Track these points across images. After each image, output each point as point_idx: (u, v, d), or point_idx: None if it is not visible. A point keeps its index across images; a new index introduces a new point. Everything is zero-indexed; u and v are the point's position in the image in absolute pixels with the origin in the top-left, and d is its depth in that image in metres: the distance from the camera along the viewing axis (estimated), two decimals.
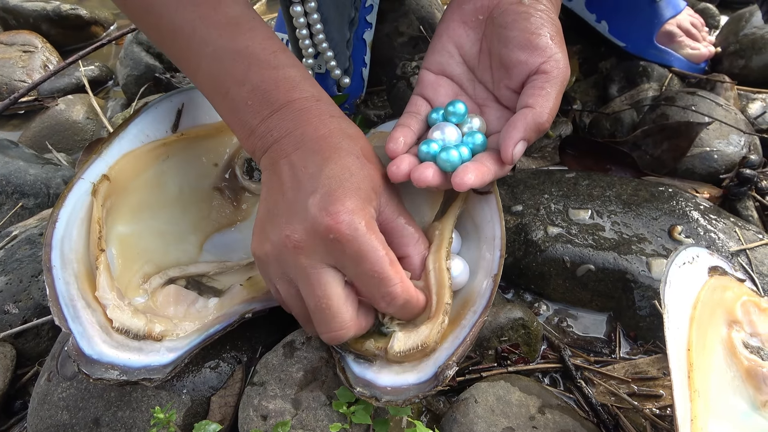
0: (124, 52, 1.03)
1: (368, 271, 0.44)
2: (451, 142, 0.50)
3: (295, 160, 0.47)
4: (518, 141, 0.48)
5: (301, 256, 0.45)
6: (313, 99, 0.49)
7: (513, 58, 0.50)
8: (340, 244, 0.44)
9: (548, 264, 0.64)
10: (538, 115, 0.48)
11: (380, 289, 0.45)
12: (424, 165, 0.48)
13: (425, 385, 0.46)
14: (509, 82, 0.51)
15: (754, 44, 0.91)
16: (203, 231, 0.59)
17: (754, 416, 0.48)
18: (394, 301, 0.46)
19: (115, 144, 0.54)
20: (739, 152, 0.75)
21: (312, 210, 0.44)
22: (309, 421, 0.50)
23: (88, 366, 0.45)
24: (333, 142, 0.47)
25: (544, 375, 0.59)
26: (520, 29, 0.50)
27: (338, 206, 0.44)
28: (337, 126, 0.49)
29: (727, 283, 0.53)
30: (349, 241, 0.43)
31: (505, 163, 0.49)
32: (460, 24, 0.54)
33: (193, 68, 0.51)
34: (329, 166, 0.46)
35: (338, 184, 0.45)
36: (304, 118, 0.48)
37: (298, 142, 0.47)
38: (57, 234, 0.49)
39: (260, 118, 0.48)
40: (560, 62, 0.49)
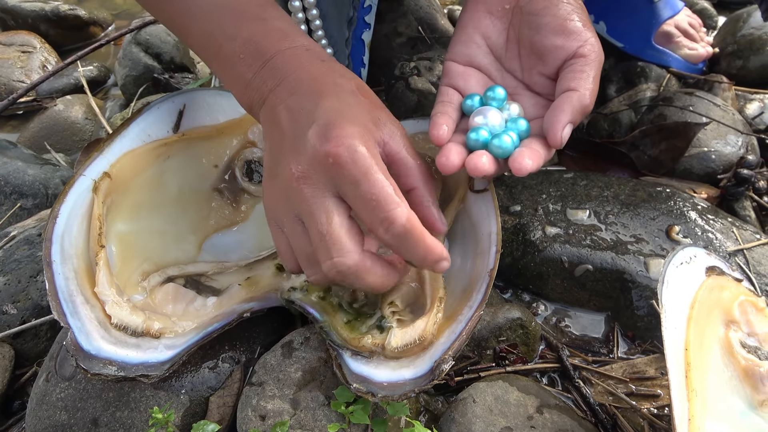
0: (122, 52, 1.03)
1: (366, 193, 0.43)
2: (495, 126, 0.50)
3: (292, 104, 0.46)
4: (566, 123, 0.48)
5: (304, 187, 0.44)
6: (303, 48, 0.49)
7: (548, 43, 0.50)
8: (340, 168, 0.43)
9: (546, 264, 0.64)
10: (583, 96, 0.48)
11: (378, 212, 0.43)
12: (477, 154, 0.47)
13: (422, 379, 0.46)
14: (544, 68, 0.52)
15: (751, 45, 0.92)
16: (202, 231, 0.59)
17: (752, 416, 0.48)
18: (392, 227, 0.43)
19: (116, 142, 0.54)
20: (736, 152, 0.75)
21: (311, 140, 0.44)
22: (307, 421, 0.50)
23: (86, 361, 0.45)
24: (327, 81, 0.47)
25: (542, 375, 0.59)
26: (552, 15, 0.50)
27: (337, 131, 0.43)
28: (329, 67, 0.49)
29: (725, 283, 0.53)
30: (348, 164, 0.43)
31: (553, 146, 0.49)
32: (486, 14, 0.54)
33: (186, 29, 0.52)
34: (325, 100, 0.45)
35: (336, 113, 0.45)
36: (296, 63, 0.48)
37: (293, 87, 0.47)
38: (57, 229, 0.49)
39: (254, 70, 0.48)
40: (595, 45, 0.50)
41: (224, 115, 0.60)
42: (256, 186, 0.62)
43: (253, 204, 0.61)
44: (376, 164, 0.43)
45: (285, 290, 0.54)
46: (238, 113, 0.61)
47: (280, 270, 0.57)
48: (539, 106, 0.53)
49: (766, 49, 0.91)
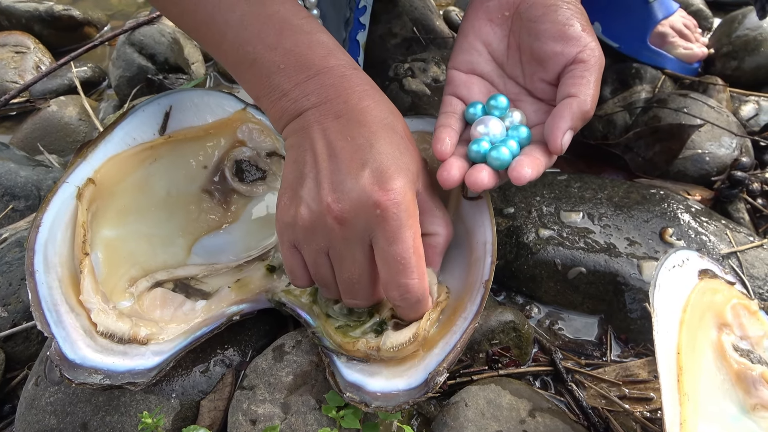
0: (116, 53, 1.02)
1: (397, 254, 0.44)
2: (496, 135, 0.50)
3: (336, 129, 0.46)
4: (566, 130, 0.48)
5: (340, 229, 0.45)
6: (351, 67, 0.48)
7: (547, 50, 0.50)
8: (384, 221, 0.44)
9: (540, 266, 0.63)
10: (583, 103, 0.48)
11: (400, 277, 0.45)
12: (476, 169, 0.48)
13: (415, 391, 0.46)
14: (545, 74, 0.52)
15: (746, 46, 0.92)
16: (191, 234, 0.58)
17: (744, 420, 0.48)
18: (407, 294, 0.46)
19: (101, 147, 0.54)
20: (730, 154, 0.75)
21: (362, 182, 0.44)
22: (298, 425, 0.49)
23: (71, 371, 0.45)
24: (379, 115, 0.47)
25: (535, 378, 0.59)
26: (551, 21, 0.50)
27: (391, 183, 0.44)
28: (381, 99, 0.48)
29: (718, 286, 0.53)
30: (393, 220, 0.44)
31: (554, 153, 0.49)
32: (486, 22, 0.54)
33: (218, 38, 0.50)
34: (380, 141, 0.45)
35: (391, 161, 0.45)
36: (346, 86, 0.47)
37: (341, 109, 0.46)
38: (40, 238, 0.48)
39: (295, 81, 0.47)
40: (595, 50, 0.50)
41: (212, 115, 0.59)
42: (247, 186, 0.61)
43: (244, 204, 0.61)
44: (413, 227, 0.45)
45: (275, 292, 0.54)
46: (226, 112, 0.60)
47: (270, 271, 0.56)
48: (541, 112, 0.53)
49: (761, 51, 0.91)
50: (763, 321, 0.54)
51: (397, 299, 0.47)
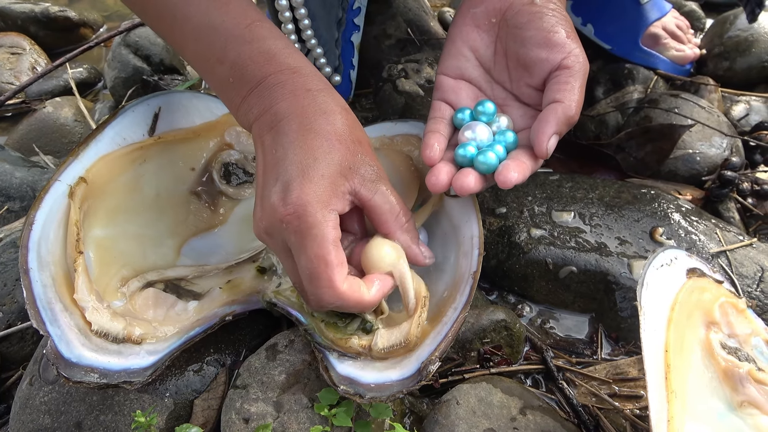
0: (111, 54, 1.03)
1: (304, 266, 0.45)
2: (483, 141, 0.51)
3: (268, 143, 0.47)
4: (551, 135, 0.49)
5: (270, 241, 0.47)
6: (289, 71, 0.48)
7: (533, 56, 0.51)
8: (288, 234, 0.45)
9: (531, 266, 0.64)
10: (568, 108, 0.49)
11: (310, 286, 0.45)
12: (463, 173, 0.49)
13: (408, 380, 0.47)
14: (530, 80, 0.53)
15: (738, 46, 0.92)
16: (181, 235, 0.59)
17: (731, 417, 0.49)
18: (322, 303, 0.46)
19: (91, 146, 0.54)
20: (721, 154, 0.76)
21: (273, 199, 0.45)
22: (290, 423, 0.50)
23: (67, 369, 0.45)
24: (304, 121, 0.46)
25: (526, 376, 0.60)
26: (536, 28, 0.51)
27: (293, 197, 0.44)
28: (312, 101, 0.47)
29: (706, 285, 0.54)
30: (295, 232, 0.44)
31: (539, 157, 0.50)
32: (473, 28, 0.55)
33: (181, 47, 0.52)
34: (294, 150, 0.45)
35: (299, 172, 0.44)
36: (278, 94, 0.47)
37: (272, 121, 0.47)
38: (34, 236, 0.49)
39: (241, 96, 0.48)
40: (580, 56, 0.51)
41: (200, 118, 0.60)
42: (234, 188, 0.62)
43: (232, 206, 0.62)
44: (318, 236, 0.44)
45: (267, 292, 0.55)
46: (214, 115, 0.60)
47: (260, 272, 0.57)
48: (528, 117, 0.54)
49: (752, 51, 0.91)
50: (750, 319, 0.54)
51: (315, 307, 0.48)
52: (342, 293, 0.45)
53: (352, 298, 0.46)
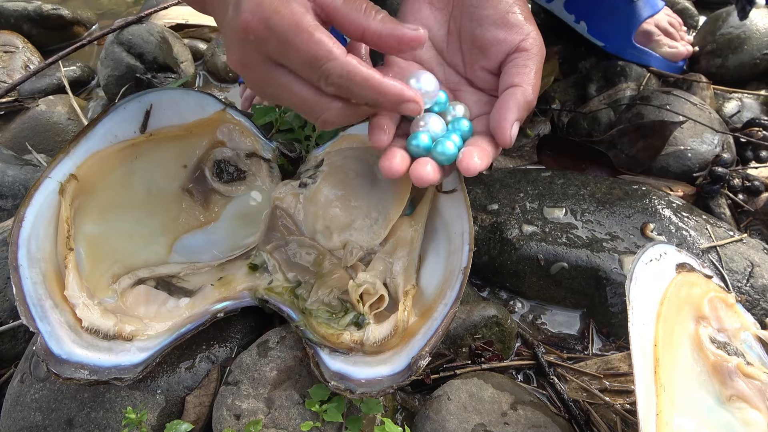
0: (104, 52, 1.02)
1: (295, 57, 0.41)
2: (437, 132, 0.48)
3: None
4: (513, 122, 0.47)
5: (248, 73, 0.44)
6: None
7: (489, 37, 0.49)
8: (261, 41, 0.41)
9: (523, 262, 0.64)
10: (526, 92, 0.47)
11: (314, 71, 0.41)
12: (421, 162, 0.46)
13: (399, 375, 0.47)
14: (486, 62, 0.50)
15: (730, 43, 0.93)
16: (172, 232, 0.59)
17: (719, 410, 0.49)
18: (330, 78, 0.41)
19: (82, 143, 0.54)
20: (712, 151, 0.76)
21: (230, 21, 0.42)
22: (281, 419, 0.50)
23: (57, 366, 0.45)
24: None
25: (517, 372, 0.60)
26: (493, 7, 0.49)
27: (245, 4, 0.41)
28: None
29: (695, 280, 0.54)
30: (267, 36, 0.41)
31: (502, 146, 0.48)
32: (426, 4, 0.52)
33: None
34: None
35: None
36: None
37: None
38: (24, 233, 0.49)
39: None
40: (537, 39, 0.49)
41: (192, 115, 0.60)
42: (226, 186, 0.62)
43: (224, 204, 0.61)
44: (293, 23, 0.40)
45: (259, 289, 0.55)
46: (206, 113, 0.60)
47: (252, 269, 0.57)
48: (482, 103, 0.52)
49: (744, 48, 0.92)
50: (739, 314, 0.54)
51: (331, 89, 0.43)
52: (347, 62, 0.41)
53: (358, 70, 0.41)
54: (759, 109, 0.89)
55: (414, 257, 0.55)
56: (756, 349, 0.53)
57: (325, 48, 0.41)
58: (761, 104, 0.90)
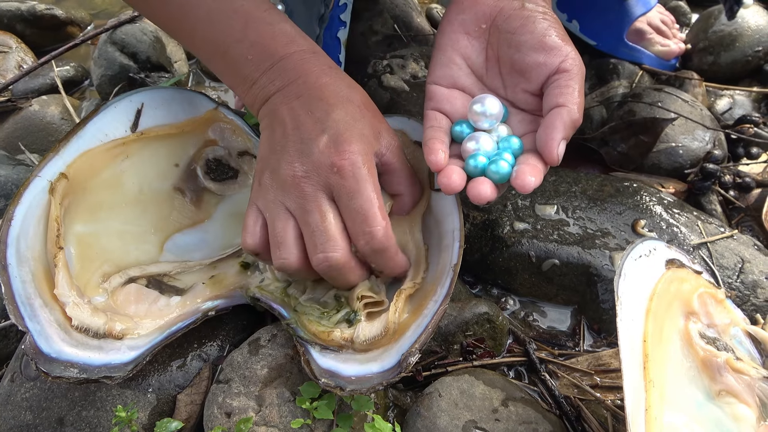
0: (97, 52, 1.02)
1: (358, 207, 0.48)
2: (488, 151, 0.51)
3: (299, 106, 0.50)
4: (560, 140, 0.48)
5: (305, 185, 0.49)
6: (310, 51, 0.53)
7: (529, 61, 0.51)
8: (341, 179, 0.48)
9: (514, 259, 0.64)
10: (572, 111, 0.48)
11: (364, 226, 0.48)
12: (478, 182, 0.49)
13: (389, 372, 0.47)
14: (527, 85, 0.52)
15: (722, 41, 0.93)
16: (164, 231, 0.59)
17: (709, 405, 0.49)
18: (372, 241, 0.49)
19: (73, 142, 0.54)
20: (703, 147, 0.76)
21: (321, 147, 0.48)
22: (272, 417, 0.50)
23: (47, 364, 0.45)
24: (335, 90, 0.51)
25: (509, 368, 0.60)
26: (530, 32, 0.50)
27: (345, 146, 0.48)
28: (337, 76, 0.52)
29: (685, 276, 0.54)
30: (350, 176, 0.48)
31: (549, 164, 0.49)
32: (463, 35, 0.54)
33: (188, 33, 0.54)
34: (336, 111, 0.49)
35: (345, 127, 0.49)
36: (305, 68, 0.51)
37: (301, 89, 0.51)
38: (12, 232, 0.49)
39: (261, 70, 0.52)
40: (576, 59, 0.50)
41: (184, 114, 0.60)
42: (218, 184, 0.62)
43: (216, 203, 0.61)
44: (372, 182, 0.49)
45: (250, 288, 0.55)
46: (198, 111, 0.60)
47: (244, 268, 0.57)
48: (526, 122, 0.53)
49: (736, 46, 0.92)
50: (729, 309, 0.55)
51: (365, 248, 0.49)
52: (391, 235, 0.50)
53: (394, 245, 0.50)
54: (750, 106, 0.89)
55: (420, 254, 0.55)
56: (745, 345, 0.54)
57: (382, 214, 0.49)
58: (753, 101, 0.90)
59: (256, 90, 0.52)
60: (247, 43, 0.51)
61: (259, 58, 0.51)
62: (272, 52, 0.51)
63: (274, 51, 0.51)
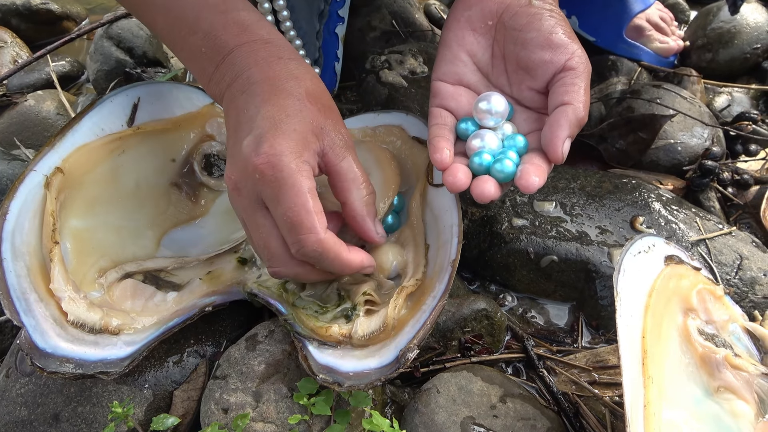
0: (93, 46, 1.02)
1: (282, 214, 0.44)
2: (493, 149, 0.50)
3: (240, 104, 0.47)
4: (565, 139, 0.48)
5: (239, 197, 0.46)
6: (262, 41, 0.49)
7: (535, 58, 0.50)
8: (263, 183, 0.44)
9: (513, 255, 0.64)
10: (578, 110, 0.48)
11: (291, 234, 0.45)
12: (482, 180, 0.48)
13: (387, 368, 0.47)
14: (533, 83, 0.51)
15: (720, 38, 0.93)
16: (161, 226, 0.58)
17: (707, 401, 0.49)
18: (303, 249, 0.45)
19: (68, 136, 0.53)
20: (702, 144, 0.76)
21: (245, 151, 0.45)
22: (270, 413, 0.50)
23: (42, 359, 0.45)
24: (276, 83, 0.47)
25: (507, 365, 0.60)
26: (537, 30, 0.50)
27: (266, 147, 0.44)
28: (284, 67, 0.48)
29: (684, 272, 0.54)
30: (270, 182, 0.44)
31: (554, 162, 0.49)
32: (469, 31, 0.53)
33: (151, 21, 0.52)
34: (266, 107, 0.46)
35: (271, 125, 0.45)
36: (251, 60, 0.48)
37: (245, 85, 0.47)
38: (7, 226, 0.48)
39: (214, 64, 0.49)
40: (582, 57, 0.50)
41: (181, 108, 0.59)
42: (216, 180, 0.61)
43: (213, 198, 0.61)
44: (294, 184, 0.44)
45: (247, 283, 0.54)
46: (195, 106, 0.60)
47: (241, 263, 0.57)
48: (531, 120, 0.53)
49: (734, 43, 0.92)
50: (728, 306, 0.55)
51: (299, 256, 0.46)
52: (324, 240, 0.45)
53: (332, 248, 0.46)
54: (749, 103, 0.89)
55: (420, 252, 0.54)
56: (744, 341, 0.54)
57: (310, 220, 0.44)
58: (751, 98, 0.90)
59: (212, 86, 0.50)
60: (201, 35, 0.49)
61: (212, 51, 0.49)
62: (223, 45, 0.48)
63: (224, 43, 0.48)
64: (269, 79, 0.47)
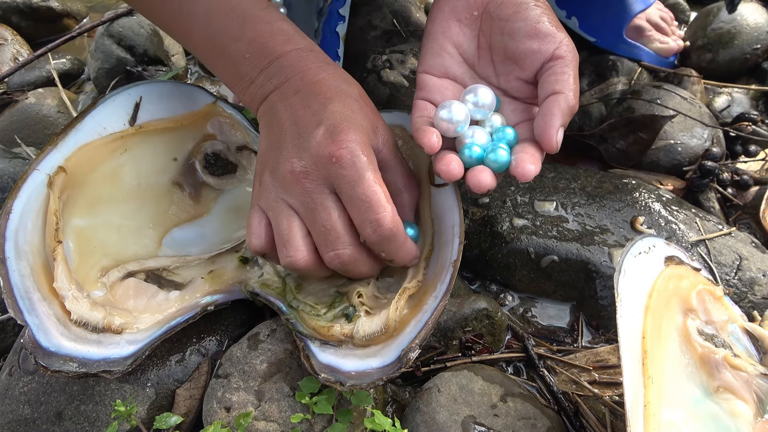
0: (94, 44, 1.02)
1: (361, 194, 0.46)
2: (482, 143, 0.50)
3: (296, 101, 0.50)
4: (558, 127, 0.48)
5: (305, 182, 0.48)
6: (307, 49, 0.53)
7: (523, 48, 0.50)
8: (341, 168, 0.46)
9: (513, 255, 0.64)
10: (569, 98, 0.48)
11: (369, 214, 0.47)
12: (478, 170, 0.48)
13: (389, 368, 0.47)
14: (521, 72, 0.51)
15: (720, 38, 0.93)
16: (162, 225, 0.58)
17: (707, 402, 0.49)
18: (380, 229, 0.47)
19: (71, 135, 0.54)
20: (702, 145, 0.77)
21: (318, 139, 0.47)
22: (272, 412, 0.50)
23: (45, 358, 0.45)
24: (333, 84, 0.50)
25: (508, 364, 0.60)
26: (523, 19, 0.50)
27: (342, 136, 0.47)
28: (334, 71, 0.52)
29: (684, 273, 0.54)
30: (349, 166, 0.46)
31: (548, 151, 0.49)
32: (455, 22, 0.53)
33: (186, 31, 0.54)
34: (333, 104, 0.49)
35: (342, 118, 0.48)
36: (302, 64, 0.51)
37: (298, 85, 0.50)
38: (11, 225, 0.48)
39: (259, 68, 0.51)
40: (570, 45, 0.50)
41: (183, 107, 0.59)
42: (217, 179, 0.61)
43: (215, 197, 0.61)
44: (372, 169, 0.47)
45: (249, 282, 0.55)
46: (197, 105, 0.60)
47: (243, 262, 0.57)
48: (519, 111, 0.53)
49: (734, 43, 0.92)
50: (727, 306, 0.55)
51: (372, 236, 0.48)
52: (399, 221, 0.48)
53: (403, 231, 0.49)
54: (749, 104, 0.90)
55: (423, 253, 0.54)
56: (743, 341, 0.54)
57: (388, 201, 0.47)
58: (751, 99, 0.91)
59: (254, 89, 0.52)
60: (245, 42, 0.51)
61: (257, 56, 0.51)
62: (270, 51, 0.51)
63: (271, 49, 0.51)
64: (325, 80, 0.50)
